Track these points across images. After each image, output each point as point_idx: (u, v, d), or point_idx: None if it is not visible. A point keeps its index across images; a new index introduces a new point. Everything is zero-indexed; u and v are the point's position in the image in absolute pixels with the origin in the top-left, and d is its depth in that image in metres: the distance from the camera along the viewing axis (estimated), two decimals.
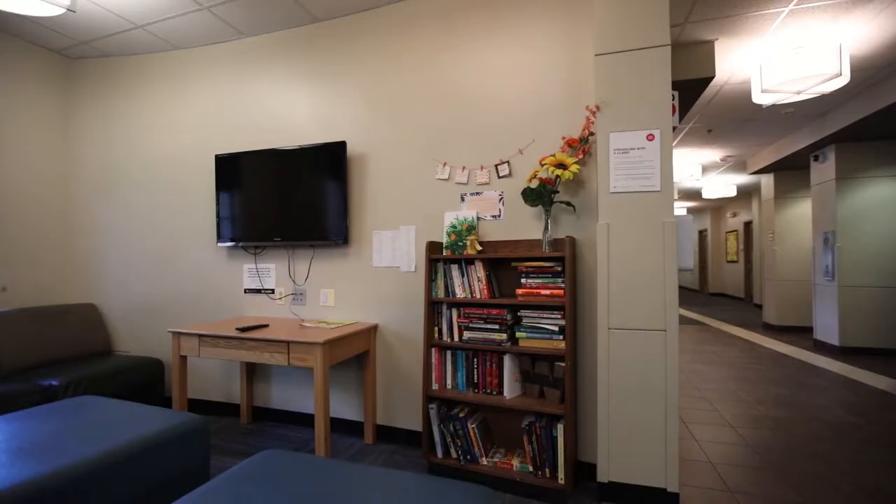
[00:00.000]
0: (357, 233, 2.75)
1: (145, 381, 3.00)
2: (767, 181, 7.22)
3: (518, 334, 2.14)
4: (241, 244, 2.95)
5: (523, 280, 2.16)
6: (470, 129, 2.50)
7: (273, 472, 1.40)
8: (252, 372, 3.02)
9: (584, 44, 2.25)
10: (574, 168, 2.08)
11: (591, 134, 2.17)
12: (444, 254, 2.39)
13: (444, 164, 2.53)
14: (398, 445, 2.61)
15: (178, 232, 3.22)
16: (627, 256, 1.97)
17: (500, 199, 2.41)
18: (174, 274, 3.24)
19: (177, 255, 3.23)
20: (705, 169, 7.74)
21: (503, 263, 2.37)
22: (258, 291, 3.01)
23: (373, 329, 2.66)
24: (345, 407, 2.80)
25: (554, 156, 2.10)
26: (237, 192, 2.94)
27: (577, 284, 2.24)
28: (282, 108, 2.97)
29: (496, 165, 2.42)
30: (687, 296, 13.09)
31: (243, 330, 2.38)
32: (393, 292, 2.66)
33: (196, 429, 1.84)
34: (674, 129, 4.85)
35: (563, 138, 2.21)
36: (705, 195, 9.21)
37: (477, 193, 2.46)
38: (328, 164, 2.70)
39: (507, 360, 2.19)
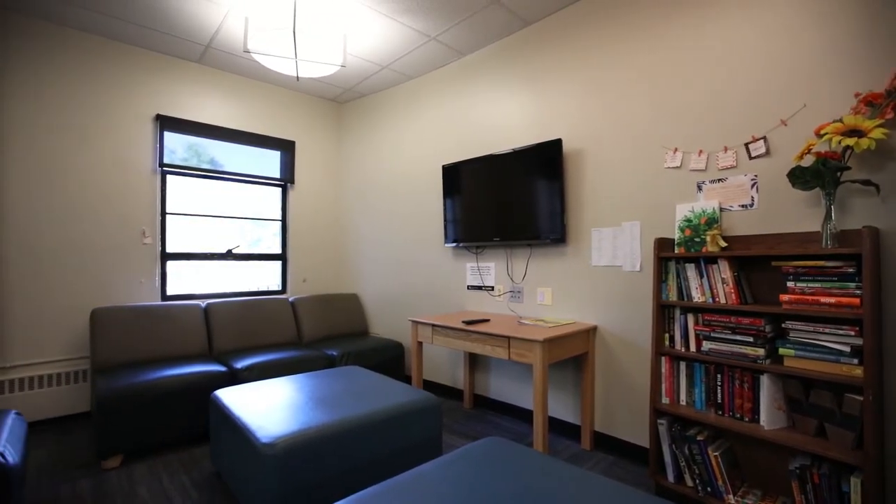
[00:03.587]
0: (575, 231, 2.68)
1: (390, 359, 3.61)
2: None
3: (782, 351, 1.71)
4: (462, 244, 3.25)
5: (790, 283, 1.71)
6: (707, 105, 2.13)
7: (500, 458, 1.47)
8: (474, 362, 3.29)
9: None
10: (877, 133, 1.53)
11: None
12: (677, 251, 2.10)
13: (675, 150, 2.23)
14: (617, 457, 2.43)
15: (415, 235, 3.76)
16: None
17: (752, 185, 1.98)
18: (411, 271, 3.80)
19: (413, 255, 3.78)
20: None
21: (757, 262, 1.94)
22: (479, 288, 3.26)
23: (592, 330, 2.54)
24: (560, 407, 2.76)
25: (840, 121, 1.60)
26: (459, 197, 3.25)
27: (881, 291, 1.65)
28: (497, 115, 3.14)
29: (747, 144, 2.00)
30: None
31: (468, 323, 2.60)
32: (614, 293, 2.49)
33: (433, 406, 2.10)
34: None
35: (857, 95, 1.66)
36: None
37: (719, 180, 2.08)
38: (543, 163, 2.72)
39: (765, 381, 1.78)
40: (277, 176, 4.05)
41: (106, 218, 3.11)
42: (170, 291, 3.42)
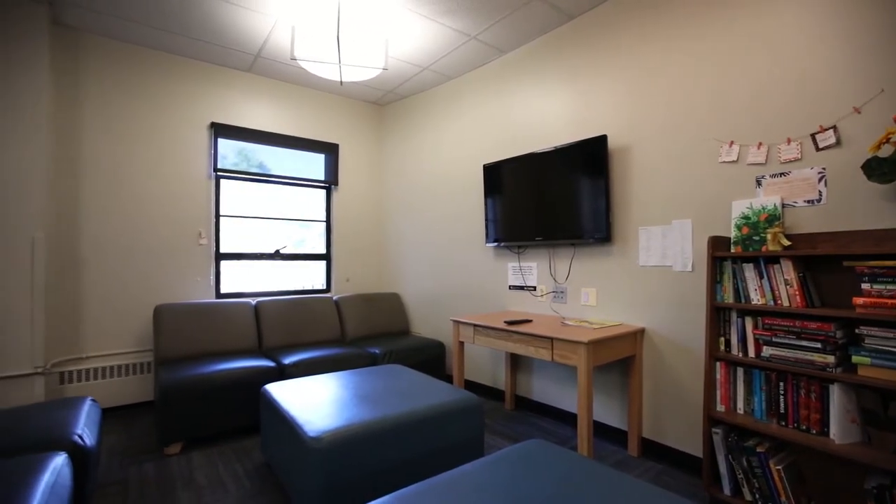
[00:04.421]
0: (621, 230, 2.59)
1: (431, 358, 3.63)
2: None
3: (856, 359, 1.57)
4: (504, 244, 3.21)
5: (865, 285, 1.57)
6: (767, 94, 1.99)
7: (543, 461, 1.44)
8: (516, 363, 3.25)
9: None
10: None
11: None
12: (733, 250, 1.98)
13: (731, 144, 2.10)
14: (667, 465, 2.32)
15: (455, 235, 3.77)
16: None
17: (819, 179, 1.83)
18: (452, 271, 3.80)
19: (454, 256, 3.78)
20: None
21: (825, 262, 1.79)
22: (521, 288, 3.22)
23: (639, 333, 2.45)
24: (605, 411, 2.68)
25: None
26: (501, 196, 3.22)
27: None
28: (539, 113, 3.08)
29: (813, 135, 1.85)
30: None
31: (511, 323, 2.57)
32: (663, 294, 2.38)
33: (474, 406, 2.09)
34: None
35: None
36: None
37: (781, 174, 1.94)
38: (587, 160, 2.64)
39: (835, 391, 1.64)
40: (322, 178, 4.17)
41: (167, 221, 3.33)
42: (223, 290, 3.61)
